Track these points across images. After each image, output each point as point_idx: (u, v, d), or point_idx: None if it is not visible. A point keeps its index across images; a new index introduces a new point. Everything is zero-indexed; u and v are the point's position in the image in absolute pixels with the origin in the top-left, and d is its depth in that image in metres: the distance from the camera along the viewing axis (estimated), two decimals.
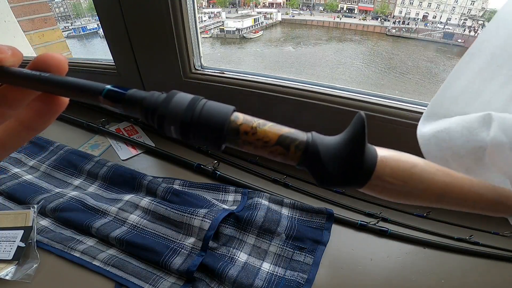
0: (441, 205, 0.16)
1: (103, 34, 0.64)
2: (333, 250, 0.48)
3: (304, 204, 0.52)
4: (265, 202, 0.52)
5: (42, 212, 0.52)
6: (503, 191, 0.16)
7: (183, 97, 0.15)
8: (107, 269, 0.44)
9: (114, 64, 0.70)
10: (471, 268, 0.46)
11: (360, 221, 0.51)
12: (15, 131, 0.16)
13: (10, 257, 0.44)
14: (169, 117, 0.14)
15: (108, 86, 0.15)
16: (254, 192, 0.55)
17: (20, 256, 0.44)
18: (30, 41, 1.13)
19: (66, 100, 0.16)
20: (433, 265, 0.46)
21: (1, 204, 0.53)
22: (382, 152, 0.15)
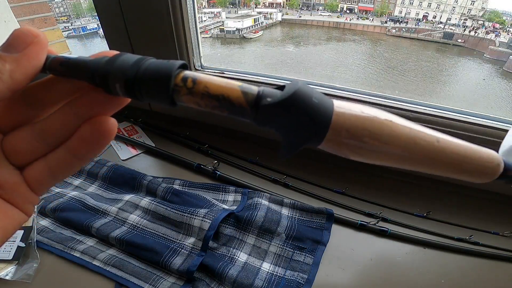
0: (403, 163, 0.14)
1: (103, 34, 0.64)
2: (333, 250, 0.48)
3: (304, 204, 0.52)
4: (265, 202, 0.52)
5: (42, 212, 0.52)
6: (485, 152, 0.15)
7: (130, 56, 0.14)
8: (107, 269, 0.44)
9: None
10: (471, 268, 0.46)
11: (360, 221, 0.51)
12: (65, 161, 0.16)
13: (10, 257, 0.44)
14: (113, 75, 0.14)
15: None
16: (254, 192, 0.55)
17: (20, 256, 0.44)
18: None
19: (114, 129, 0.16)
20: (433, 265, 0.46)
21: None
22: (339, 103, 0.14)
